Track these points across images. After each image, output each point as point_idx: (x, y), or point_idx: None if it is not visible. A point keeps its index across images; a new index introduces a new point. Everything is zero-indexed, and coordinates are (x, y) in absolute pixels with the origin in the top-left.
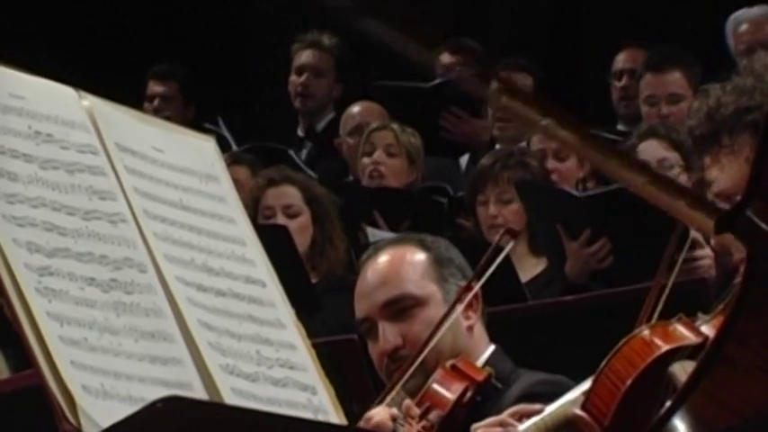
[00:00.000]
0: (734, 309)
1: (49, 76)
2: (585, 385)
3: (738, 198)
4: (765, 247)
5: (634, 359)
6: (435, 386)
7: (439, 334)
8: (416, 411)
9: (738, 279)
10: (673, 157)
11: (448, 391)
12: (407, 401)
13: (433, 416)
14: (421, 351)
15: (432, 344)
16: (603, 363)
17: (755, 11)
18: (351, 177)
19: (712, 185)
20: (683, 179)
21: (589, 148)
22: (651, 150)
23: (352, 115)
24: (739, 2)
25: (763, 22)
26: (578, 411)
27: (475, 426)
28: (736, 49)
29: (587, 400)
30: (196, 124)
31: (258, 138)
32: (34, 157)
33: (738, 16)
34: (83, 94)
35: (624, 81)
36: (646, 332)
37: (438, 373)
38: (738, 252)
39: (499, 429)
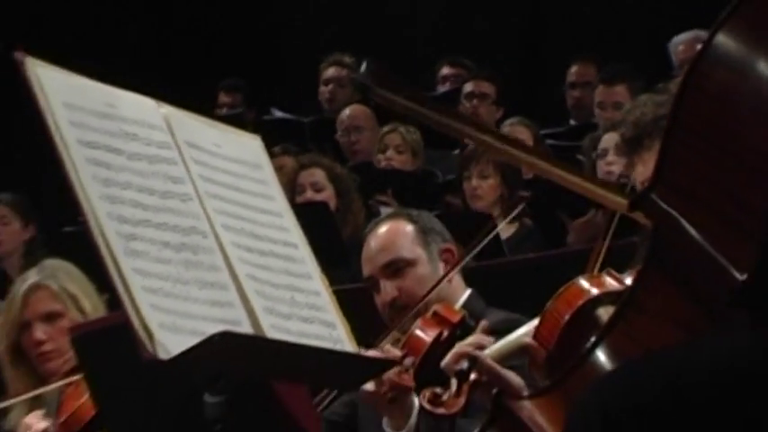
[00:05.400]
0: (643, 266)
1: (134, 90)
2: (534, 322)
3: (646, 185)
4: (665, 222)
5: (571, 300)
6: (417, 332)
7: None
8: (396, 352)
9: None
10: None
11: (426, 335)
12: (387, 347)
13: (409, 361)
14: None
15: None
16: (549, 303)
17: (689, 34)
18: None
19: (638, 176)
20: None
21: (506, 148)
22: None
23: (342, 118)
24: (681, 27)
25: (694, 42)
26: (529, 340)
27: (444, 360)
28: (677, 64)
29: (536, 332)
30: (255, 120)
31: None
32: (123, 151)
33: (677, 39)
34: (161, 103)
35: (576, 90)
36: (581, 280)
37: (419, 321)
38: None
39: (463, 357)
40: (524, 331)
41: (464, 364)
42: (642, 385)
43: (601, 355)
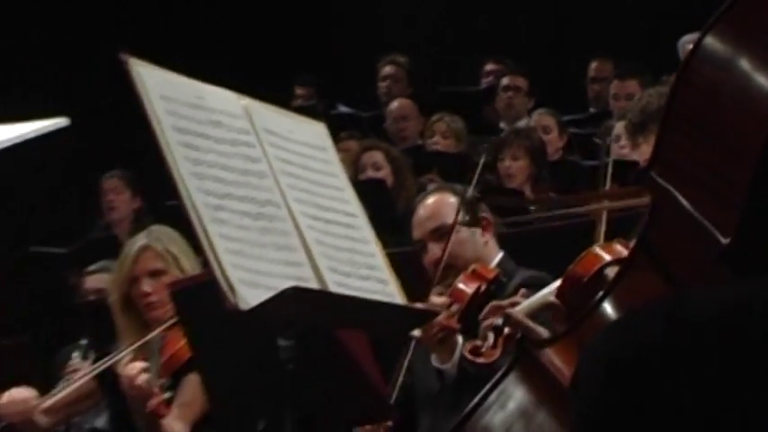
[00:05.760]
0: (644, 231)
1: (220, 84)
2: (557, 283)
3: (646, 164)
4: (662, 195)
5: (588, 265)
6: (460, 285)
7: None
8: (443, 302)
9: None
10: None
11: (467, 288)
12: (433, 298)
13: (454, 308)
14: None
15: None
16: (570, 267)
17: (696, 35)
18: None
19: (643, 155)
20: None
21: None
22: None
23: (391, 109)
24: (688, 28)
25: None
26: (553, 299)
27: (482, 316)
28: None
29: (558, 292)
30: (325, 111)
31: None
32: (210, 136)
33: (685, 38)
34: (241, 96)
35: (595, 84)
36: (596, 248)
37: (461, 276)
38: None
39: (498, 313)
40: (548, 291)
41: (499, 321)
42: (642, 330)
43: (607, 307)
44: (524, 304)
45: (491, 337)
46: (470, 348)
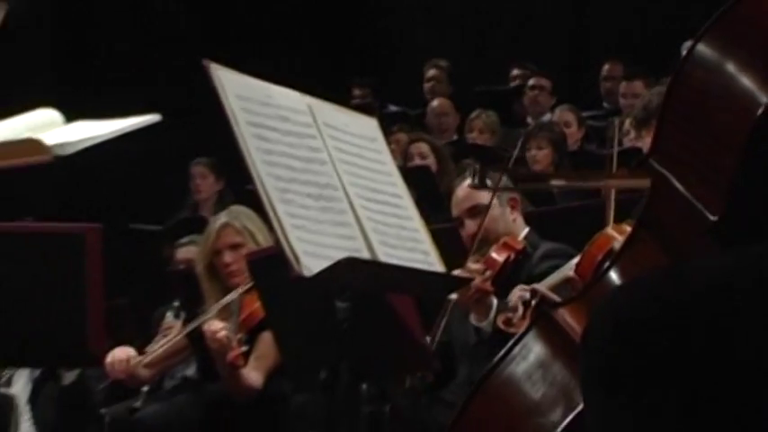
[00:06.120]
0: (644, 211)
1: (288, 85)
2: (575, 260)
3: (646, 153)
4: (660, 179)
5: (602, 245)
6: (493, 254)
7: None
8: (478, 268)
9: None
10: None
11: (499, 257)
12: (470, 265)
13: (488, 273)
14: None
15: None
16: (586, 246)
17: None
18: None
19: (646, 145)
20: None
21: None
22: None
23: (432, 107)
24: (691, 32)
25: None
26: (572, 274)
27: (514, 289)
28: None
29: (577, 268)
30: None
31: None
32: (278, 129)
33: (687, 44)
34: (305, 95)
35: (607, 83)
36: (609, 230)
37: (494, 247)
38: None
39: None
40: (568, 267)
41: (527, 295)
42: (644, 293)
43: (613, 275)
44: (548, 280)
45: (520, 309)
46: (503, 320)
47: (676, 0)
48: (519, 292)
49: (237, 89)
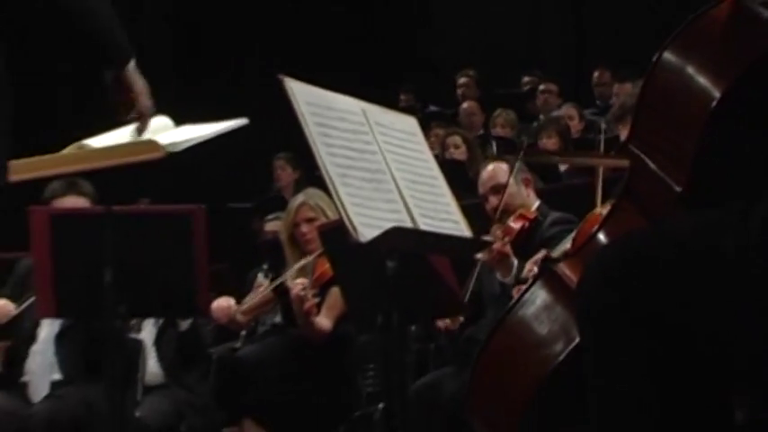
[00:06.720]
0: (624, 186)
1: (346, 93)
2: (572, 235)
3: (625, 140)
4: (636, 161)
5: (593, 222)
6: (510, 223)
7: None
8: (499, 234)
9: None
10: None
11: (516, 225)
12: (494, 231)
13: (506, 239)
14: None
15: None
16: (580, 224)
17: None
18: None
19: (623, 136)
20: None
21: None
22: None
23: (463, 107)
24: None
25: None
26: (569, 246)
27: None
28: None
29: (573, 242)
30: (420, 109)
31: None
32: (338, 128)
33: None
34: (360, 100)
35: (599, 88)
36: (597, 209)
37: (511, 217)
38: None
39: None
40: (569, 239)
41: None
42: (627, 249)
43: (601, 236)
44: (553, 251)
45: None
46: (517, 291)
47: (660, 19)
48: (534, 260)
49: (306, 97)
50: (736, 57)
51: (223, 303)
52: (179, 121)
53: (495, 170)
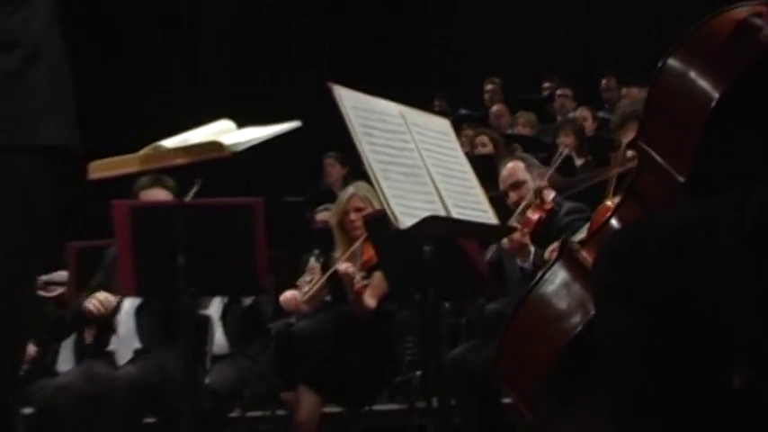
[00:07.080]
0: (634, 178)
1: (387, 98)
2: (587, 225)
3: (635, 136)
4: (645, 155)
5: (603, 212)
6: (529, 214)
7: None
8: (520, 224)
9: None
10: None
11: (534, 216)
12: (513, 221)
13: (526, 230)
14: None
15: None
16: (593, 215)
17: None
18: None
19: (624, 140)
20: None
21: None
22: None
23: (492, 110)
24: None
25: None
26: (584, 236)
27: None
28: None
29: (589, 230)
30: (453, 112)
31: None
32: (380, 128)
33: None
34: (399, 104)
35: (607, 94)
36: (607, 201)
37: (530, 208)
38: None
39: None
40: (585, 228)
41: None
42: (634, 234)
43: (614, 222)
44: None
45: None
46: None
47: (663, 28)
48: (554, 247)
49: (352, 102)
50: (734, 61)
51: (289, 296)
52: (240, 124)
53: (513, 168)
